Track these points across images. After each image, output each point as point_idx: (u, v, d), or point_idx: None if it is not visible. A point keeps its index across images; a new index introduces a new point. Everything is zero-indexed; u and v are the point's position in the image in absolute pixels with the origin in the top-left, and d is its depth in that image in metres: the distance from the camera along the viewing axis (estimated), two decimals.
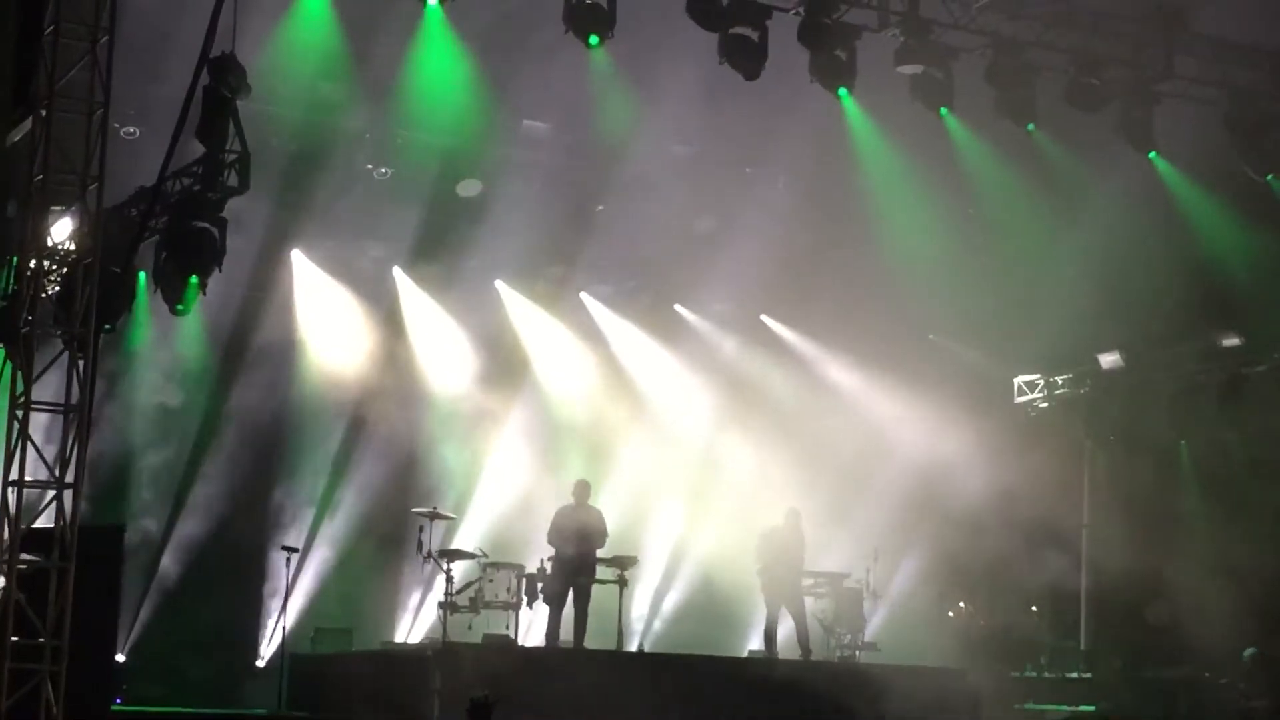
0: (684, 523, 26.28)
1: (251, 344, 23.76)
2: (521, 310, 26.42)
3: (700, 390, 27.09)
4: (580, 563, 21.20)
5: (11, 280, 17.71)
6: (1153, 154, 23.80)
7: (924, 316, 26.93)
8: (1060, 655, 27.91)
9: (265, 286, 24.07)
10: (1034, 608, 28.60)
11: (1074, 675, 27.18)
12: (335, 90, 22.98)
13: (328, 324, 24.54)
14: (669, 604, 26.20)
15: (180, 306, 20.27)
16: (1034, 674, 27.47)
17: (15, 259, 17.60)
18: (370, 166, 24.26)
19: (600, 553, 21.95)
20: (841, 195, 24.84)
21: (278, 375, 23.85)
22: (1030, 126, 22.73)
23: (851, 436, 25.61)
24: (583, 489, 21.79)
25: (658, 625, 26.09)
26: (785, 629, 22.75)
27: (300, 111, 22.71)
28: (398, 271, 25.31)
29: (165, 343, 22.99)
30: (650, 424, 26.28)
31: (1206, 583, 25.74)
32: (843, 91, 21.93)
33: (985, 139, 23.74)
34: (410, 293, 25.42)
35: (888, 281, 25.52)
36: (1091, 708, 25.97)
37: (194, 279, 19.86)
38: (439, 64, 22.61)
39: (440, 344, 25.41)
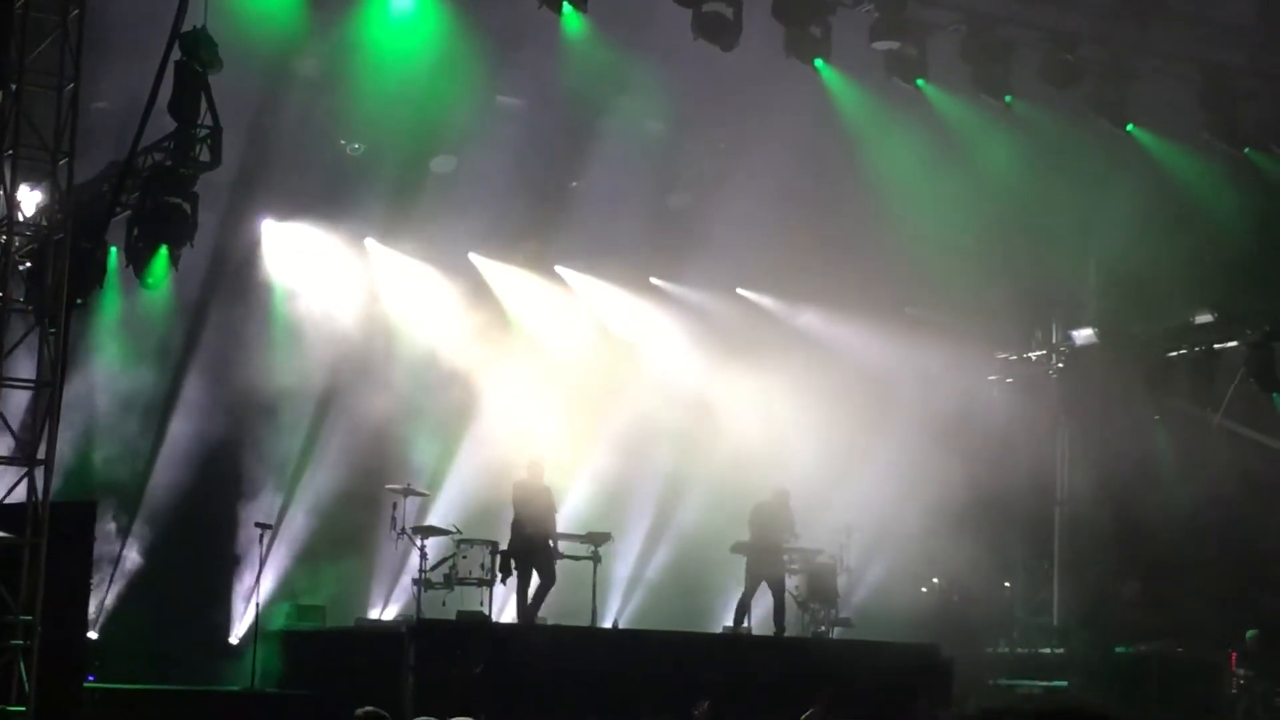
0: (665, 496, 26.22)
1: (223, 319, 23.61)
2: (498, 281, 26.32)
3: (680, 360, 27.03)
4: (532, 541, 21.15)
5: None
6: (1130, 126, 23.83)
7: (901, 289, 26.91)
8: (1033, 631, 28.01)
9: (237, 261, 23.94)
10: (1007, 584, 28.67)
11: (1047, 650, 27.27)
12: (307, 65, 22.87)
13: (300, 298, 24.40)
14: (647, 579, 26.14)
15: (151, 281, 20.20)
16: (1007, 649, 27.57)
17: None
18: (344, 142, 24.14)
19: (574, 529, 21.93)
20: (817, 168, 24.76)
21: (249, 349, 23.72)
22: (1008, 99, 22.77)
23: (829, 409, 25.51)
24: (537, 469, 21.72)
25: (635, 600, 26.05)
26: (760, 607, 22.76)
27: (272, 86, 22.56)
28: (371, 243, 25.18)
29: (136, 317, 22.85)
30: (631, 396, 26.17)
31: (1180, 558, 25.85)
32: (819, 62, 21.95)
33: (966, 109, 23.69)
34: (384, 265, 25.31)
35: (865, 254, 25.47)
36: (1064, 683, 26.05)
37: (165, 253, 19.79)
38: (413, 40, 22.52)
39: (414, 317, 25.30)
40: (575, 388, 25.90)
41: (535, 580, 21.06)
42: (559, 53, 22.50)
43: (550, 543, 21.25)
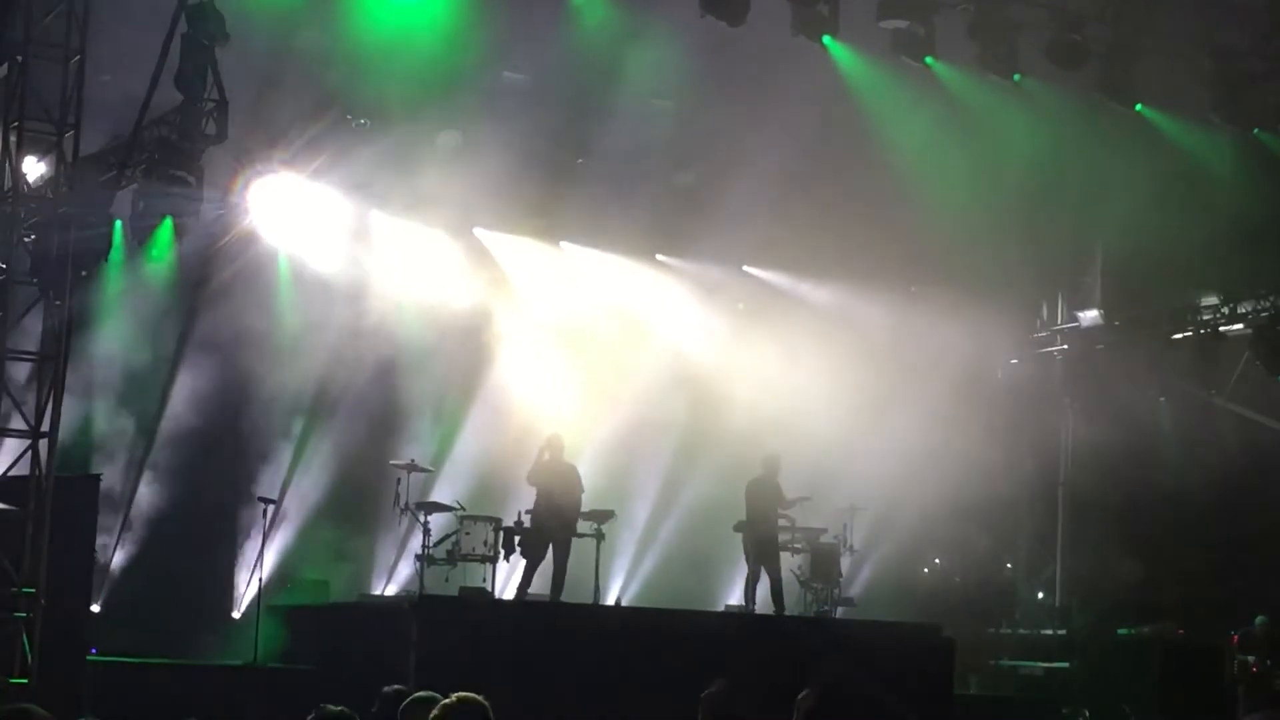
0: (671, 473, 26.20)
1: (226, 292, 23.56)
2: (504, 255, 26.27)
3: (687, 337, 27.01)
4: (558, 518, 21.12)
5: None
6: (1139, 106, 23.77)
7: (910, 267, 26.83)
8: (1035, 612, 28.02)
9: (241, 234, 23.88)
10: (1009, 565, 28.70)
11: (1048, 631, 27.29)
12: (312, 38, 22.76)
13: (304, 271, 24.35)
14: (651, 556, 26.15)
15: (155, 253, 20.22)
16: (1009, 630, 27.58)
17: None
18: (349, 116, 24.06)
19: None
20: (825, 144, 24.64)
21: (253, 323, 23.67)
22: (1016, 77, 22.72)
23: (836, 387, 25.44)
24: (557, 443, 21.68)
25: (638, 579, 26.06)
26: (762, 586, 22.73)
27: (276, 59, 22.47)
28: (376, 216, 25.10)
29: (140, 290, 22.81)
30: (637, 371, 26.13)
31: (1183, 540, 25.84)
32: (827, 39, 21.89)
33: (976, 85, 23.59)
34: (389, 239, 25.23)
35: (873, 231, 25.38)
36: (1065, 664, 26.08)
37: (169, 225, 19.81)
38: (419, 14, 22.44)
39: (419, 291, 25.23)
40: (581, 362, 25.89)
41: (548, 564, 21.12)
42: (565, 28, 22.43)
43: (573, 528, 21.25)
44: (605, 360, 26.06)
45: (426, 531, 20.66)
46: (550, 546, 21.01)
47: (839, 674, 19.46)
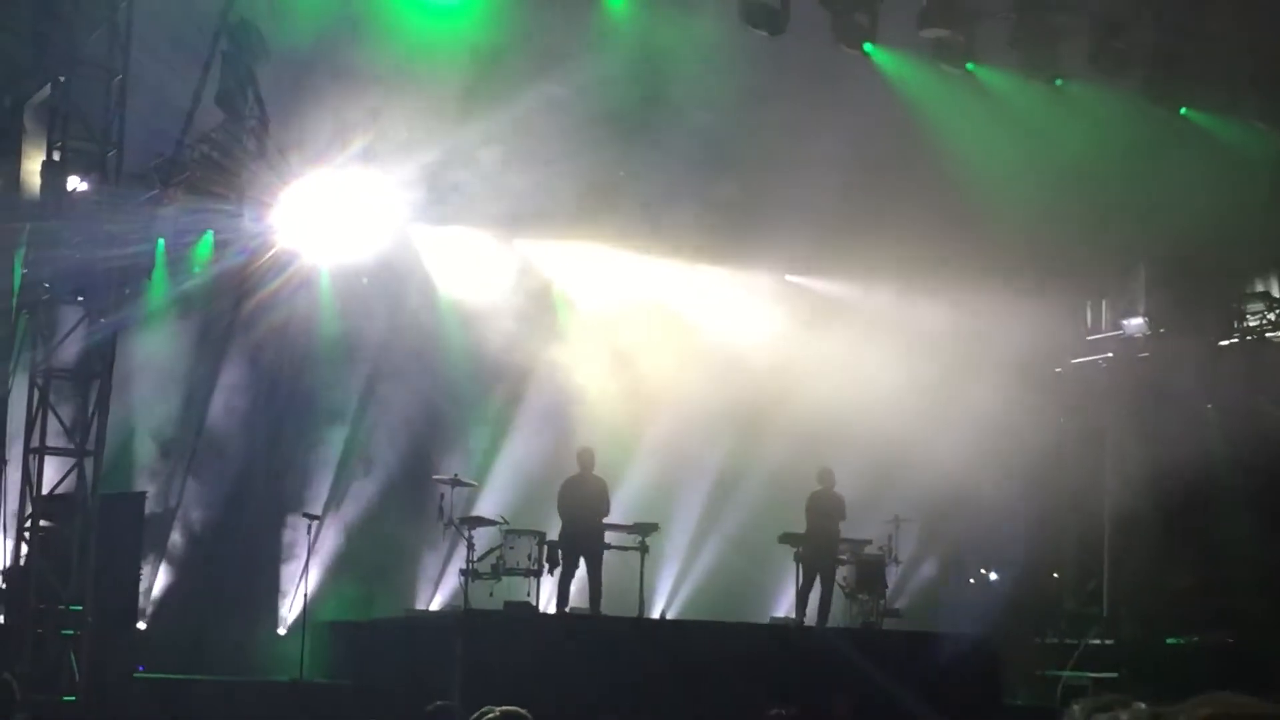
0: (717, 484, 26.14)
1: (268, 305, 23.60)
2: (548, 266, 26.26)
3: (732, 347, 26.93)
4: (586, 532, 21.10)
5: None
6: (1184, 110, 23.64)
7: (952, 276, 26.68)
8: (1082, 621, 27.83)
9: (282, 247, 23.89)
10: (1055, 574, 28.53)
11: (1096, 641, 27.11)
12: (355, 54, 22.80)
13: (347, 284, 24.37)
14: (698, 569, 26.09)
15: (197, 269, 20.29)
16: (1055, 640, 27.42)
17: None
18: (391, 132, 24.05)
19: (623, 518, 21.88)
20: (869, 150, 24.53)
21: (295, 336, 23.72)
22: (1058, 81, 22.63)
23: (882, 398, 25.31)
24: (587, 457, 21.69)
25: (684, 591, 25.99)
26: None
27: (319, 75, 22.52)
28: (418, 228, 25.11)
29: (182, 305, 22.87)
30: (684, 382, 26.06)
31: (1233, 548, 25.63)
32: (868, 46, 21.85)
33: (1019, 86, 23.45)
34: (431, 250, 25.24)
35: (920, 237, 25.25)
36: (1114, 674, 25.90)
37: (210, 239, 19.89)
38: (458, 27, 22.46)
39: (461, 304, 25.24)
40: (626, 373, 25.84)
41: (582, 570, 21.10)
42: (606, 41, 22.41)
43: (600, 540, 21.21)
44: (651, 371, 26.01)
45: (470, 546, 20.65)
46: (581, 560, 21.01)
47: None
